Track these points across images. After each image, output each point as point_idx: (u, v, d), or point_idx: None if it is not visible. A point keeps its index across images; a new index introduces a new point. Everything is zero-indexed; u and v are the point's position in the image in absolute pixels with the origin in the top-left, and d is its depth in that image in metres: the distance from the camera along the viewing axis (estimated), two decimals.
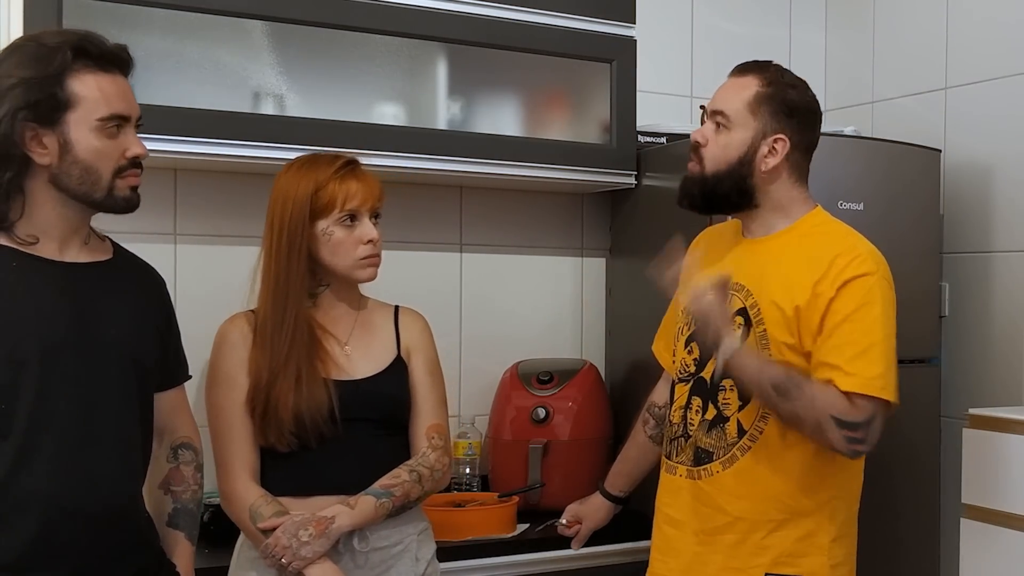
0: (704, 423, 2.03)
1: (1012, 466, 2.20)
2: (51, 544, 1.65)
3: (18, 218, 1.68)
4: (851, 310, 1.91)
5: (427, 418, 2.10)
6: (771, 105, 2.01)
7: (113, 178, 1.70)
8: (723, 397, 2.01)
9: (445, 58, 2.63)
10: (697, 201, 2.07)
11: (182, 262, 2.58)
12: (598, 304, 3.10)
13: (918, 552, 2.32)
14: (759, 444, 1.97)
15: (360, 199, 2.02)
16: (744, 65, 2.07)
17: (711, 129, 2.04)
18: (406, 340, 2.13)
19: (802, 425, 1.91)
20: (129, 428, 1.77)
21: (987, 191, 2.89)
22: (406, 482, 2.00)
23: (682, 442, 2.07)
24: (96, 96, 1.67)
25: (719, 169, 2.02)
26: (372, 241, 2.03)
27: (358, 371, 2.05)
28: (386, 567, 2.01)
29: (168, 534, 1.90)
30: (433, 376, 2.14)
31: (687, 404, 2.07)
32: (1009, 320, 2.82)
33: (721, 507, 2.00)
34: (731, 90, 2.04)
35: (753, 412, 1.98)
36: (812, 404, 1.87)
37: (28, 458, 1.64)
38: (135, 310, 1.81)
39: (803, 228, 2.04)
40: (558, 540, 2.47)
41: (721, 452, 2.00)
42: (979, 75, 2.92)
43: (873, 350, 1.90)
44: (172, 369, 1.92)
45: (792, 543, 1.98)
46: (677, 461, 2.08)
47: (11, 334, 1.64)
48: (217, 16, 2.34)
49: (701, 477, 2.03)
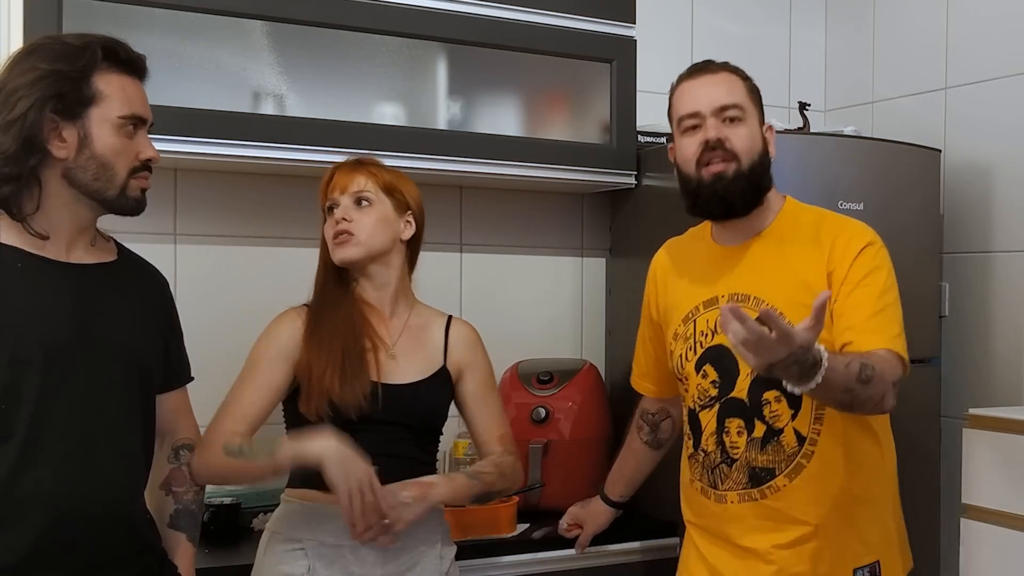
0: (755, 442, 1.96)
1: (1012, 466, 2.20)
2: (53, 545, 1.65)
3: (33, 211, 1.68)
4: (861, 277, 1.92)
5: (494, 428, 2.14)
6: (756, 95, 2.04)
7: (128, 177, 1.72)
8: (770, 411, 1.95)
9: (445, 58, 2.62)
10: (746, 198, 1.99)
11: (182, 262, 2.58)
12: (598, 304, 3.10)
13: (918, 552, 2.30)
14: (820, 446, 1.94)
15: (332, 186, 2.08)
16: (706, 64, 2.05)
17: (721, 125, 1.98)
18: (456, 355, 2.13)
19: (868, 402, 1.79)
20: (131, 429, 1.77)
21: (987, 191, 2.90)
22: (492, 472, 2.05)
23: (725, 468, 1.99)
24: (120, 95, 1.70)
25: (754, 160, 1.98)
26: (338, 220, 2.05)
27: (400, 375, 2.06)
28: (412, 563, 2.02)
29: (169, 535, 1.90)
30: (490, 390, 2.17)
31: (721, 429, 1.99)
32: (1009, 320, 2.83)
33: (798, 518, 1.95)
34: (724, 84, 2.01)
35: (807, 417, 1.94)
36: (883, 378, 1.79)
37: (30, 459, 1.64)
38: (139, 312, 1.81)
39: (788, 220, 2.03)
40: (558, 540, 2.47)
41: (783, 465, 1.95)
42: (979, 75, 2.92)
43: (888, 310, 1.91)
44: (175, 371, 1.92)
45: (866, 533, 1.98)
46: (725, 489, 1.99)
47: (14, 334, 1.64)
48: (217, 16, 2.34)
49: (766, 496, 1.96)
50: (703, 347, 2.02)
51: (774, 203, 2.05)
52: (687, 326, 2.06)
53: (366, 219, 2.06)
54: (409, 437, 2.05)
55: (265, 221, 2.69)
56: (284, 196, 2.69)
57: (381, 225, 2.07)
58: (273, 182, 2.68)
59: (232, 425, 1.97)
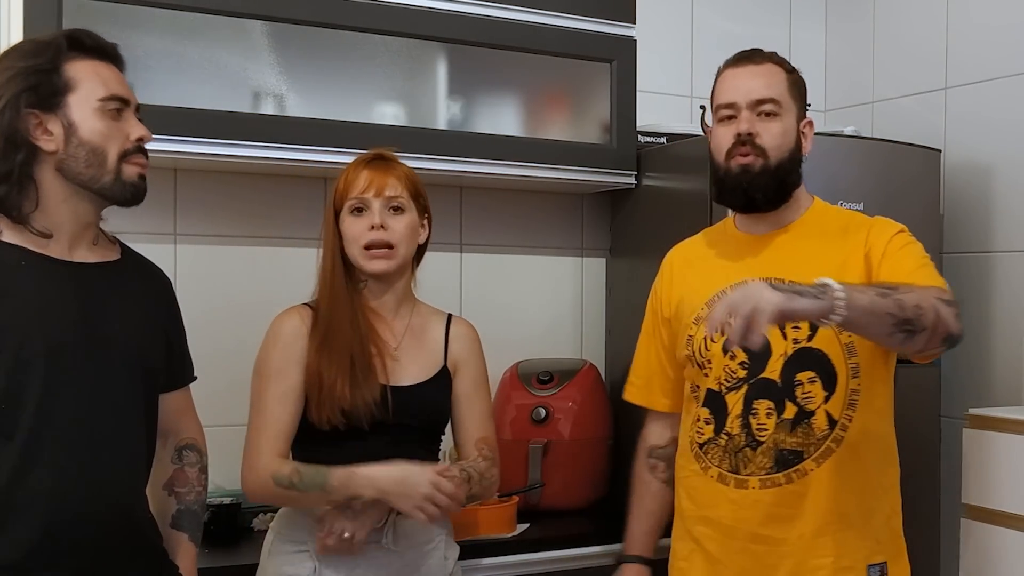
0: (784, 423, 1.92)
1: (1012, 466, 2.21)
2: (55, 544, 1.65)
3: (33, 210, 1.69)
4: (900, 247, 1.93)
5: (475, 431, 2.12)
6: (798, 89, 2.03)
7: (119, 161, 1.71)
8: (802, 392, 1.92)
9: (445, 58, 2.62)
10: (769, 194, 1.99)
11: (182, 262, 2.57)
12: (598, 304, 3.10)
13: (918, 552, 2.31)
14: (851, 432, 1.91)
15: (363, 185, 2.01)
16: (752, 54, 2.03)
17: (755, 119, 1.97)
18: (454, 352, 2.12)
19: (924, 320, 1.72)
20: (134, 429, 1.77)
21: (987, 191, 2.90)
22: (455, 477, 2.01)
23: (749, 452, 1.94)
24: (93, 78, 1.70)
25: (783, 157, 1.98)
26: (375, 227, 2.00)
27: (404, 377, 2.05)
28: (416, 565, 2.02)
29: (171, 535, 1.90)
30: (480, 390, 2.14)
31: (748, 411, 1.95)
32: (1009, 320, 2.83)
33: (823, 505, 1.91)
34: (765, 76, 2.00)
35: (841, 400, 1.92)
36: (924, 294, 1.74)
37: (33, 458, 1.64)
38: (142, 311, 1.81)
39: (814, 217, 2.04)
40: (558, 540, 2.47)
41: (812, 448, 1.91)
42: (979, 75, 2.92)
43: (930, 267, 1.92)
44: (178, 370, 1.92)
45: (879, 530, 1.96)
46: (747, 474, 1.95)
47: (17, 333, 1.64)
48: (217, 16, 2.34)
49: (792, 480, 1.92)
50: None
51: (803, 201, 2.05)
52: None
53: (401, 227, 2.03)
54: (415, 438, 2.05)
55: (265, 221, 2.69)
56: (284, 196, 2.69)
57: (411, 233, 2.05)
58: (273, 182, 2.68)
59: (271, 447, 1.97)
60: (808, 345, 1.93)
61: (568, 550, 2.46)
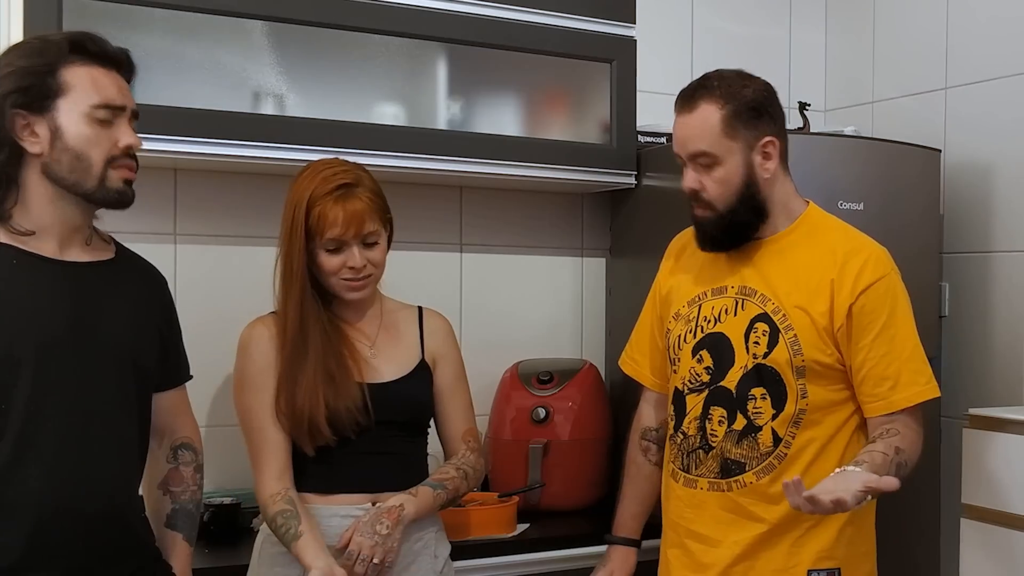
0: (732, 434, 1.98)
1: (1012, 466, 2.20)
2: (46, 544, 1.65)
3: (12, 206, 1.68)
4: (884, 318, 1.94)
5: (460, 423, 2.15)
6: (740, 119, 1.94)
7: (105, 168, 1.70)
8: (753, 407, 1.97)
9: (445, 58, 2.62)
10: (723, 241, 2.01)
11: (182, 262, 2.57)
12: (598, 304, 3.10)
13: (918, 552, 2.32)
14: (794, 450, 1.95)
15: (341, 229, 1.98)
16: (687, 95, 1.98)
17: (698, 172, 1.97)
18: (431, 345, 2.14)
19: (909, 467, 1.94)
20: (126, 428, 1.77)
21: (987, 191, 2.89)
22: (455, 477, 2.06)
23: (701, 454, 2.01)
24: (87, 85, 1.69)
25: (731, 202, 1.96)
26: (354, 268, 2.01)
27: (384, 374, 2.06)
28: (407, 564, 2.03)
29: (166, 535, 1.90)
30: (460, 382, 2.17)
31: (704, 415, 2.01)
32: (1009, 320, 2.82)
33: (758, 515, 1.97)
34: (697, 125, 1.95)
35: (787, 420, 1.96)
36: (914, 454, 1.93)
37: (23, 457, 1.64)
38: (135, 310, 1.81)
39: (805, 227, 2.03)
40: (558, 540, 2.47)
41: (754, 462, 1.96)
42: (979, 75, 2.92)
43: (915, 352, 1.97)
44: (173, 369, 1.92)
45: (830, 539, 1.97)
46: (697, 474, 2.02)
47: (7, 332, 1.64)
48: (217, 16, 2.34)
49: (732, 489, 1.98)
50: (704, 332, 2.03)
51: (792, 207, 2.04)
52: (691, 308, 2.07)
53: (377, 255, 2.05)
54: (399, 434, 2.06)
55: (265, 221, 2.68)
56: (284, 196, 2.68)
57: (384, 255, 2.08)
58: (273, 182, 2.67)
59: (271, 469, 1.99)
60: (763, 362, 1.96)
61: (568, 550, 2.46)
